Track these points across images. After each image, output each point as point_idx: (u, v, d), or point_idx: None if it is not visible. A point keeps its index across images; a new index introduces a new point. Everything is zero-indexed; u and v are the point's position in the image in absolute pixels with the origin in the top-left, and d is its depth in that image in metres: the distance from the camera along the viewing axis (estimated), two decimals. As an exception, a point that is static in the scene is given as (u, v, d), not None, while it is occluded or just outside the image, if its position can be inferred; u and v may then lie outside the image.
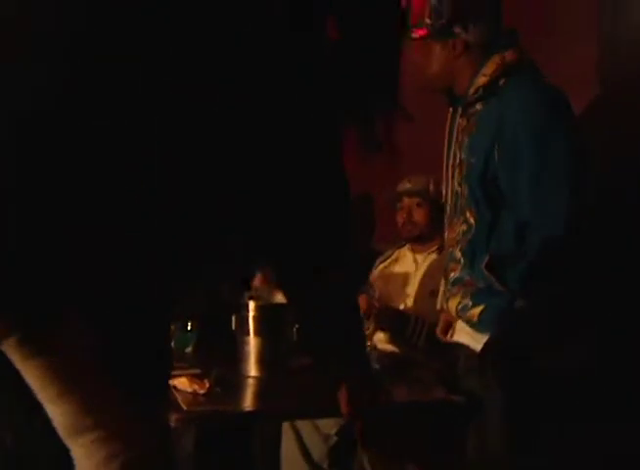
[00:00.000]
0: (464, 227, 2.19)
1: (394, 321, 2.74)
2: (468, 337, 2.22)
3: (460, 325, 2.26)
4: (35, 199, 0.86)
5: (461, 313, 2.20)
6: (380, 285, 3.03)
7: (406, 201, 3.00)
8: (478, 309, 2.15)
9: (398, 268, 3.05)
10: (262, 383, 2.30)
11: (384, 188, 3.00)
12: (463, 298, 2.19)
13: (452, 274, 2.23)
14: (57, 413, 0.87)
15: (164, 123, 0.91)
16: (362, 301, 2.94)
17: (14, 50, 0.86)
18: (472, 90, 2.17)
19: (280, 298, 2.30)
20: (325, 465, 2.72)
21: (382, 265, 3.10)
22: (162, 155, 0.93)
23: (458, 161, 2.22)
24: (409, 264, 3.02)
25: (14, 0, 0.88)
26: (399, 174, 3.01)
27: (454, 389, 2.27)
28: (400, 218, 3.02)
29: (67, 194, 0.87)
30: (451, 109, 2.30)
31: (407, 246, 3.07)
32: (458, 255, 2.21)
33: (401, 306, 2.90)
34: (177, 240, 0.98)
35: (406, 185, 3.00)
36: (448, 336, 2.32)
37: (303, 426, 2.71)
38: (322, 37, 1.02)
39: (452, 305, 2.23)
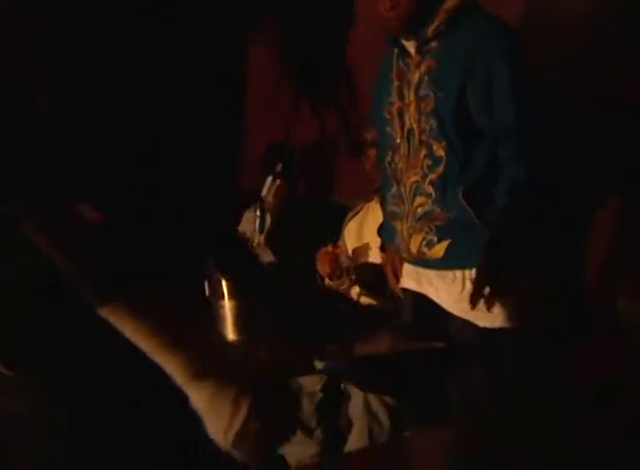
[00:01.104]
0: (428, 161, 2.18)
1: (373, 276, 2.73)
2: (433, 289, 2.22)
3: (416, 274, 2.25)
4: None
5: (425, 249, 2.18)
6: (351, 241, 3.02)
7: (372, 151, 2.97)
8: (444, 244, 2.14)
9: (368, 222, 3.03)
10: (241, 346, 2.27)
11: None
12: (428, 233, 2.17)
13: (420, 209, 2.20)
14: (173, 361, 0.88)
15: (164, 123, 0.92)
16: (330, 257, 2.94)
17: (12, 49, 0.86)
18: (431, 27, 2.16)
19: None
20: (313, 423, 2.73)
21: (351, 221, 3.08)
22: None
23: (412, 97, 2.20)
24: (379, 216, 3.00)
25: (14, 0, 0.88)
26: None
27: (435, 335, 2.27)
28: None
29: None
30: (396, 50, 2.27)
31: (375, 198, 3.05)
32: (429, 188, 2.18)
33: (373, 259, 2.89)
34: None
35: (368, 136, 2.96)
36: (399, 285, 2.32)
37: (288, 386, 2.70)
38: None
39: (415, 241, 2.20)
